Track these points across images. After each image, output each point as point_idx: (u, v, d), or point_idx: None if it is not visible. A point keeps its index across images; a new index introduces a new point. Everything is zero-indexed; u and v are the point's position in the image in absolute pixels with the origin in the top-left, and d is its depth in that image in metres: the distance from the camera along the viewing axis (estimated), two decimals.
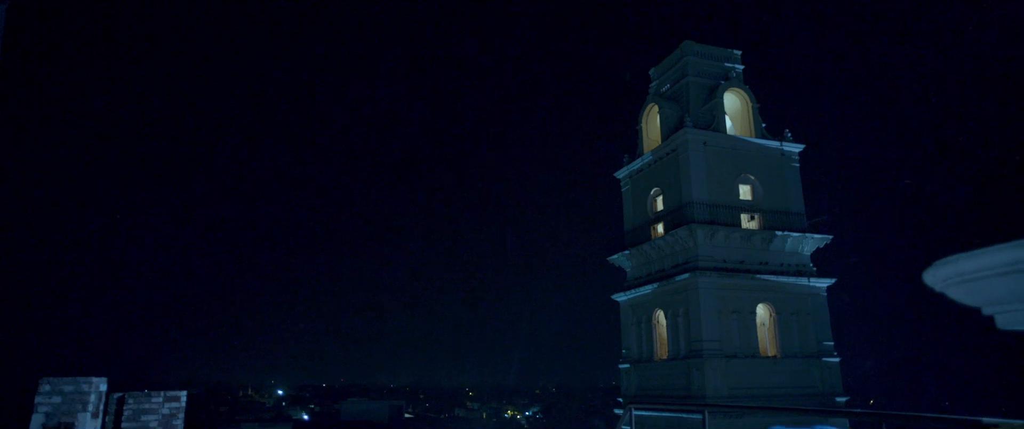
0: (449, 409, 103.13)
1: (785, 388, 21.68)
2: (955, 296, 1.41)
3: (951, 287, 1.39)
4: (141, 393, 10.44)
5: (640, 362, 24.90)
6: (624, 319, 26.29)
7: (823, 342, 22.99)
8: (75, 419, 6.66)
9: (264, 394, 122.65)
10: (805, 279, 23.20)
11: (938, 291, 1.44)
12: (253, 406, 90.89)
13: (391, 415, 65.00)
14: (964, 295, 1.40)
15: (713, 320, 21.75)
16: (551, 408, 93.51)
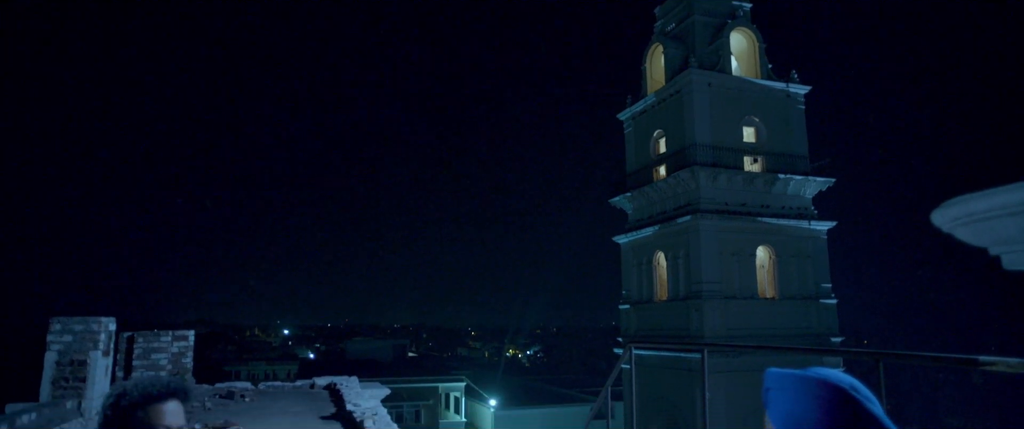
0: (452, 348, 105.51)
1: (782, 329, 22.08)
2: (963, 236, 1.40)
3: (959, 227, 1.38)
4: (150, 332, 10.67)
5: (640, 303, 25.27)
6: (625, 261, 26.53)
7: (821, 284, 23.26)
8: (87, 357, 6.82)
9: (270, 334, 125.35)
10: (806, 222, 23.27)
11: (946, 231, 1.43)
12: (260, 346, 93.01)
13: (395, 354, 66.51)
14: (972, 235, 1.39)
15: (713, 262, 21.94)
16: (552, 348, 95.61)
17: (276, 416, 8.07)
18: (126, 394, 1.76)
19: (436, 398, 37.08)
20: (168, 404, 1.80)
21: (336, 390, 10.41)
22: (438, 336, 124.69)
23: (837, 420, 1.17)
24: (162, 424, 1.77)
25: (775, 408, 1.26)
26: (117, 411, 1.75)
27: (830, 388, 1.19)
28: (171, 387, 1.80)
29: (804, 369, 1.25)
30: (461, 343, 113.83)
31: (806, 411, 1.19)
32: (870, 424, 1.17)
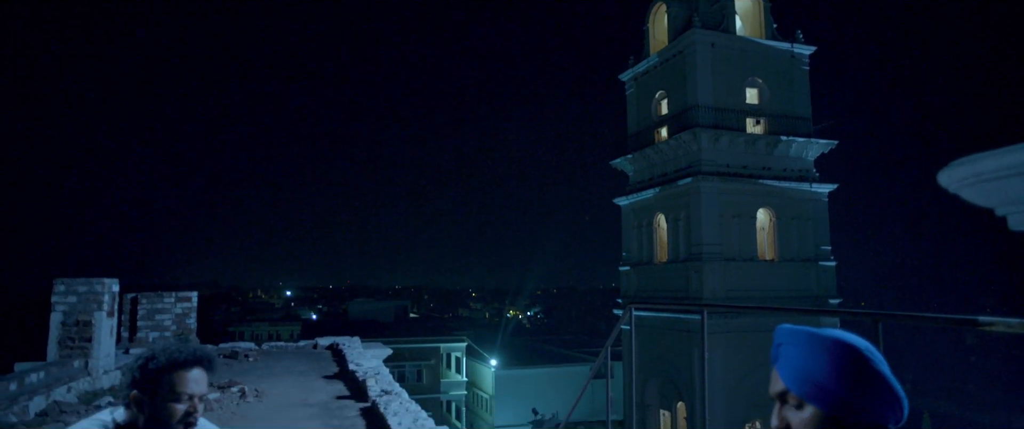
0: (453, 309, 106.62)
1: (781, 291, 22.23)
2: (969, 197, 1.39)
3: (966, 187, 1.36)
4: (154, 294, 10.76)
5: (640, 264, 25.41)
6: (625, 222, 26.58)
7: (821, 247, 23.34)
8: (91, 318, 6.88)
9: (273, 295, 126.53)
10: (807, 184, 23.22)
11: (952, 192, 1.41)
12: (263, 307, 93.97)
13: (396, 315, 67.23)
14: (979, 195, 1.37)
15: (713, 224, 21.97)
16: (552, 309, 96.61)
17: (280, 376, 8.18)
18: (154, 358, 1.82)
19: (437, 358, 37.61)
20: (193, 371, 1.86)
21: (339, 350, 10.54)
22: (439, 297, 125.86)
23: (848, 378, 1.17)
24: (186, 391, 1.83)
25: (785, 363, 1.26)
26: (145, 373, 1.81)
27: (844, 347, 1.19)
28: (197, 355, 1.86)
29: (817, 328, 1.25)
30: (462, 304, 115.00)
31: (817, 367, 1.19)
32: (880, 385, 1.18)
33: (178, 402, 1.83)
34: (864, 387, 1.17)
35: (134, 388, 1.83)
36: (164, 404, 1.82)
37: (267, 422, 5.36)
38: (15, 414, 4.88)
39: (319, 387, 7.29)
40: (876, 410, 1.18)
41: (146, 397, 1.82)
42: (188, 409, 1.85)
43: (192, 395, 1.85)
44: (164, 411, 1.82)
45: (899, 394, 1.19)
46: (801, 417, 1.23)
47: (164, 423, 1.83)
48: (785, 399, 1.26)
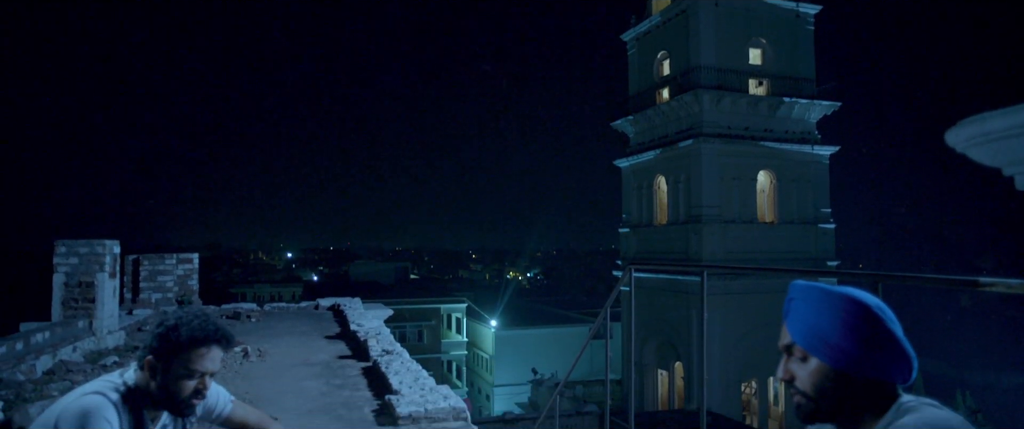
0: (453, 271, 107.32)
1: (779, 253, 22.34)
2: (976, 156, 1.37)
3: (974, 147, 1.35)
4: (155, 255, 10.80)
5: (640, 226, 25.47)
6: (626, 184, 26.54)
7: (820, 209, 23.35)
8: (94, 279, 6.92)
9: (274, 257, 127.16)
10: (809, 146, 23.11)
11: (959, 151, 1.40)
12: (264, 268, 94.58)
13: (397, 276, 67.77)
14: (987, 155, 1.36)
15: (714, 186, 21.94)
16: (552, 270, 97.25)
17: (282, 336, 8.28)
18: (177, 330, 1.83)
19: (438, 319, 38.02)
20: (212, 350, 1.88)
21: (340, 311, 10.64)
22: (439, 259, 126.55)
23: (855, 334, 1.18)
24: (200, 368, 1.86)
25: (796, 319, 1.27)
26: (165, 343, 1.83)
27: (856, 303, 1.20)
28: (218, 334, 1.89)
29: (830, 285, 1.26)
30: (462, 266, 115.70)
31: (826, 323, 1.20)
32: (888, 343, 1.18)
33: (190, 378, 1.86)
34: (871, 344, 1.18)
35: (151, 354, 1.86)
36: (177, 378, 1.85)
37: (270, 381, 5.44)
38: (23, 373, 4.95)
39: (321, 347, 7.37)
40: (883, 367, 1.19)
41: (161, 365, 1.85)
42: (198, 387, 1.88)
43: (205, 372, 1.88)
44: (175, 385, 1.85)
45: (908, 353, 1.20)
46: (806, 369, 1.24)
47: (174, 397, 1.86)
48: (792, 352, 1.28)
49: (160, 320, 1.90)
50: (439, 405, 4.15)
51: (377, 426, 4.03)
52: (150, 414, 1.90)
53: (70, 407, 1.75)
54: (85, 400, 1.76)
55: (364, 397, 4.85)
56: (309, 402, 4.68)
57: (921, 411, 1.13)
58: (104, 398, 1.78)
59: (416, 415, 4.05)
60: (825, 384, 1.21)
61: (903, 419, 1.13)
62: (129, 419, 1.82)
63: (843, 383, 1.20)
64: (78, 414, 1.72)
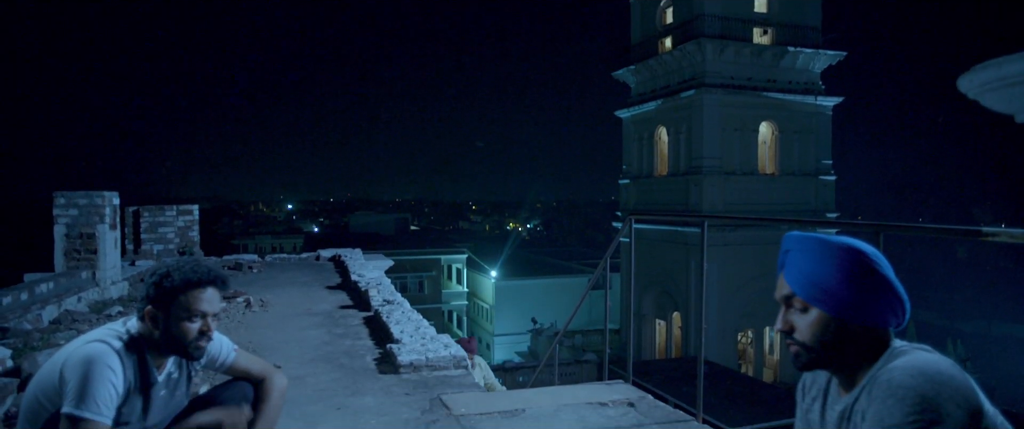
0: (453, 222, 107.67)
1: (779, 205, 22.36)
2: (989, 102, 1.35)
3: (987, 92, 1.32)
4: (155, 207, 10.80)
5: (640, 178, 25.41)
6: (626, 135, 26.36)
7: (822, 161, 23.25)
8: (95, 230, 6.93)
9: (274, 208, 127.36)
10: (812, 97, 22.83)
11: (971, 97, 1.37)
12: (265, 220, 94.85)
13: (397, 227, 68.01)
14: (1000, 101, 1.33)
15: (715, 137, 21.79)
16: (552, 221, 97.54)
17: (284, 286, 8.35)
18: (169, 276, 1.85)
19: (438, 269, 38.35)
20: (207, 291, 1.89)
21: (341, 262, 10.71)
22: (439, 210, 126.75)
23: (852, 282, 1.19)
24: (199, 309, 1.87)
25: (792, 268, 1.27)
26: (160, 291, 1.85)
27: (852, 252, 1.20)
28: (211, 275, 1.90)
29: (825, 235, 1.26)
30: (462, 217, 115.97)
31: (823, 272, 1.21)
32: (885, 289, 1.19)
33: (192, 321, 1.87)
34: (868, 290, 1.19)
35: (149, 304, 1.87)
36: (178, 323, 1.86)
37: (273, 330, 5.51)
38: (29, 322, 5.01)
39: (322, 297, 7.44)
40: (879, 313, 1.20)
41: (161, 314, 1.86)
42: (201, 328, 1.89)
43: (206, 313, 1.90)
44: (179, 329, 1.86)
45: (902, 298, 1.21)
46: (806, 320, 1.25)
47: (178, 342, 1.87)
48: (790, 303, 1.28)
49: (153, 270, 1.91)
50: (440, 354, 4.21)
51: (379, 374, 4.10)
52: (155, 362, 1.92)
53: (74, 355, 1.76)
54: (89, 348, 1.77)
55: (366, 346, 4.92)
56: (311, 351, 4.75)
57: (912, 354, 1.15)
58: (107, 346, 1.79)
59: (417, 363, 4.11)
60: (826, 334, 1.23)
61: (895, 362, 1.15)
62: (133, 367, 1.84)
63: (842, 331, 1.21)
64: (82, 361, 1.73)
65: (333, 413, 3.32)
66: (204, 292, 1.89)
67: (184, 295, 1.86)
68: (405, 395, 3.64)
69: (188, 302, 1.86)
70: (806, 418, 1.41)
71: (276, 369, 2.27)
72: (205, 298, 1.89)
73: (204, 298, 1.88)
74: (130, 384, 1.82)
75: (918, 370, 1.08)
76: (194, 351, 1.90)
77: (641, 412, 3.32)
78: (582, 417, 3.24)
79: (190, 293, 1.86)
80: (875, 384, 1.13)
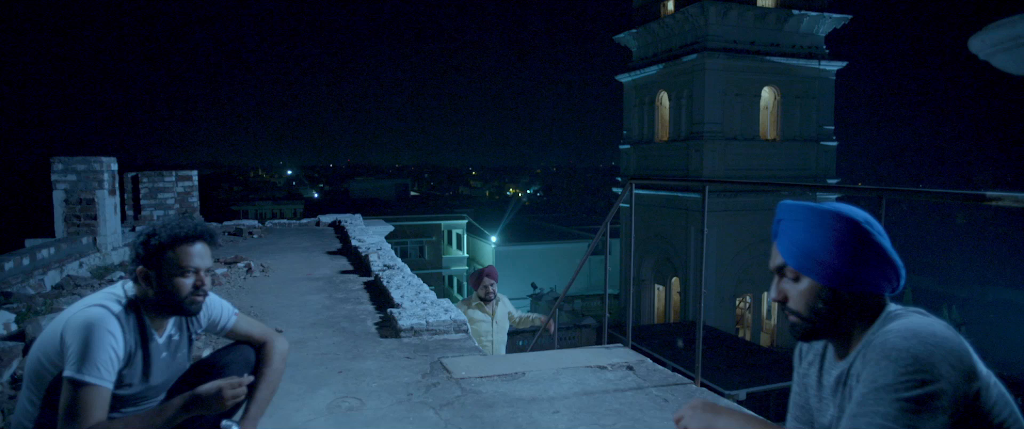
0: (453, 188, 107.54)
1: (780, 170, 22.30)
2: (1002, 63, 1.32)
3: (1000, 53, 1.29)
4: (154, 172, 10.77)
5: (641, 143, 25.29)
6: (627, 100, 26.14)
7: (824, 126, 23.10)
8: (94, 196, 6.91)
9: (274, 174, 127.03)
10: (816, 62, 22.57)
11: (983, 58, 1.34)
12: (265, 186, 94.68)
13: (397, 193, 67.94)
14: (1014, 61, 1.30)
15: (716, 102, 21.61)
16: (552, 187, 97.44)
17: (284, 251, 8.37)
18: (156, 234, 1.83)
19: (439, 235, 38.45)
20: (196, 246, 1.87)
21: (341, 227, 10.72)
22: (439, 176, 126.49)
23: (845, 251, 1.18)
24: (190, 265, 1.85)
25: (784, 238, 1.26)
26: (148, 249, 1.83)
27: (844, 220, 1.19)
28: (198, 230, 1.87)
29: (817, 202, 1.24)
30: (462, 182, 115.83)
31: (817, 241, 1.20)
32: (879, 257, 1.18)
33: (184, 276, 1.86)
34: (861, 259, 1.18)
35: (140, 264, 1.85)
36: (171, 279, 1.85)
37: (274, 295, 5.54)
38: (32, 287, 5.03)
39: (323, 262, 7.47)
40: (872, 280, 1.19)
41: (153, 272, 1.85)
42: (195, 283, 1.88)
43: (198, 268, 1.88)
44: (172, 285, 1.85)
45: (896, 264, 1.20)
46: (798, 289, 1.25)
47: (173, 298, 1.86)
48: (783, 272, 1.28)
49: (139, 230, 1.89)
50: (441, 318, 4.23)
51: (380, 338, 4.13)
52: (155, 324, 1.92)
53: (74, 319, 1.76)
54: (89, 312, 1.76)
55: (366, 310, 4.95)
56: (312, 315, 4.78)
57: (907, 318, 1.15)
58: (106, 310, 1.78)
59: (418, 327, 4.14)
60: (818, 303, 1.22)
61: (890, 325, 1.15)
62: (133, 330, 1.84)
63: (835, 300, 1.21)
64: (82, 326, 1.73)
65: (335, 376, 3.36)
66: (193, 247, 1.86)
67: (172, 251, 1.83)
68: (406, 359, 3.68)
69: (178, 258, 1.83)
70: (803, 382, 1.42)
71: (277, 333, 2.28)
72: (195, 253, 1.86)
73: (194, 253, 1.86)
74: (131, 347, 1.82)
75: (912, 332, 1.08)
76: (190, 306, 1.89)
77: (640, 375, 3.35)
78: (581, 380, 3.28)
79: (179, 249, 1.84)
80: (870, 348, 1.13)
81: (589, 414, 2.81)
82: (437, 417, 2.79)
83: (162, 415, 1.72)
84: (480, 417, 2.78)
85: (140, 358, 1.86)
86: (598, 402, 2.97)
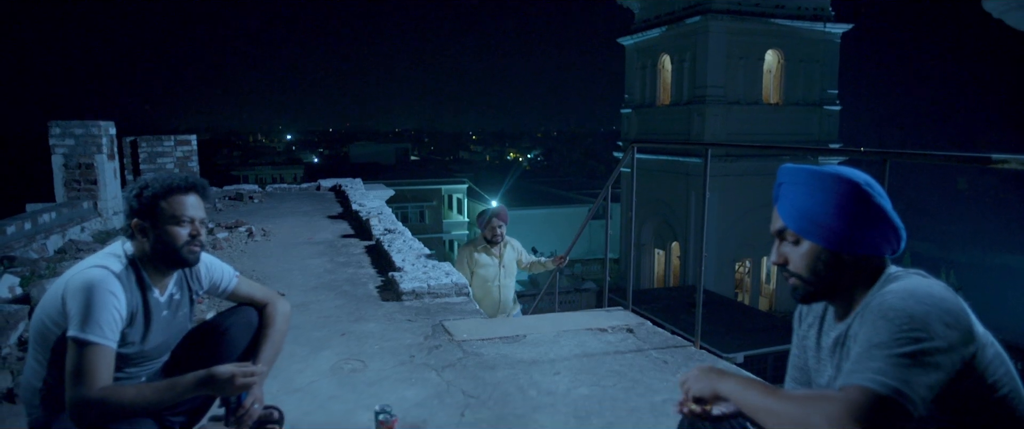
0: (453, 152, 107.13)
1: (782, 135, 22.16)
2: (1013, 21, 1.29)
3: (1014, 11, 1.26)
4: (152, 137, 10.72)
5: (642, 107, 25.09)
6: (629, 63, 25.84)
7: (827, 90, 22.86)
8: (93, 160, 6.89)
9: (273, 139, 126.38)
10: (821, 24, 22.21)
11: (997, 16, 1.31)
12: (264, 150, 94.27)
13: (397, 157, 67.69)
14: None
15: (719, 66, 21.36)
16: (552, 151, 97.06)
17: (285, 216, 8.38)
18: (148, 186, 1.84)
19: (439, 199, 38.47)
20: (189, 197, 1.87)
21: (342, 192, 10.72)
22: (440, 140, 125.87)
23: (845, 213, 1.18)
24: (185, 214, 1.85)
25: (786, 203, 1.26)
26: (142, 201, 1.84)
27: (845, 182, 1.18)
28: (190, 181, 1.89)
29: (819, 165, 1.23)
30: (462, 147, 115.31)
31: (818, 204, 1.20)
32: (880, 219, 1.18)
33: (179, 225, 1.86)
34: (861, 221, 1.18)
35: (135, 217, 1.86)
36: (165, 228, 1.85)
37: (275, 259, 5.56)
38: (35, 251, 5.05)
39: (324, 226, 7.49)
40: (872, 242, 1.19)
41: (147, 223, 1.85)
42: (191, 232, 1.88)
43: (192, 218, 1.88)
44: (167, 235, 1.85)
45: (897, 226, 1.20)
46: (798, 252, 1.25)
47: (170, 247, 1.86)
48: (784, 236, 1.28)
49: (128, 188, 1.89)
50: (442, 281, 4.26)
51: (381, 301, 4.16)
52: (156, 281, 1.92)
53: (74, 280, 1.76)
54: (89, 273, 1.76)
55: (368, 274, 4.98)
56: (314, 279, 4.81)
57: (907, 279, 1.15)
58: (106, 270, 1.78)
59: (419, 291, 4.17)
60: (818, 265, 1.22)
61: (890, 285, 1.15)
62: (134, 288, 1.84)
63: (836, 262, 1.21)
64: (83, 287, 1.73)
65: (337, 339, 3.39)
66: (186, 197, 1.87)
67: (165, 201, 1.84)
68: (408, 321, 3.71)
69: (171, 208, 1.84)
70: (802, 344, 1.43)
71: (279, 295, 2.29)
72: (188, 203, 1.87)
73: (187, 203, 1.87)
74: (132, 306, 1.83)
75: (909, 293, 1.08)
76: (188, 255, 1.89)
77: (640, 338, 3.39)
78: (582, 342, 3.31)
79: (172, 199, 1.85)
80: (868, 309, 1.14)
81: (589, 375, 2.85)
82: (439, 378, 2.83)
83: (173, 388, 1.73)
84: (482, 378, 2.82)
85: (142, 316, 1.87)
86: (598, 364, 3.00)
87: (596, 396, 2.62)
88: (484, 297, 4.68)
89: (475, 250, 4.75)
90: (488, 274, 4.70)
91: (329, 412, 2.48)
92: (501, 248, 4.78)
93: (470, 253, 4.75)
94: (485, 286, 4.69)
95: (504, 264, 4.76)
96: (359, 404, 2.55)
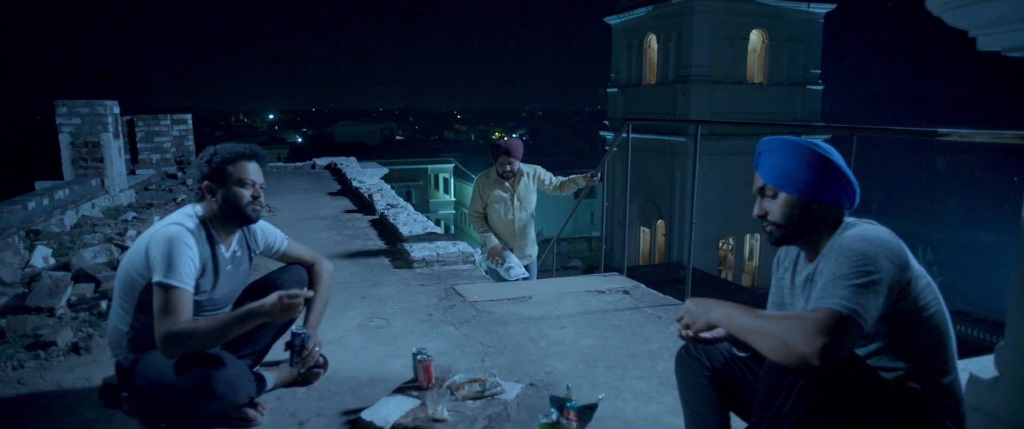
0: (438, 132, 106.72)
1: (765, 114, 22.55)
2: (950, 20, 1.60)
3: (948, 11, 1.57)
4: (149, 116, 10.82)
5: (628, 86, 25.35)
6: (615, 43, 26.03)
7: (810, 70, 23.26)
8: (99, 139, 7.06)
9: (256, 119, 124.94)
10: (805, 4, 22.53)
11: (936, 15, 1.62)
12: (247, 131, 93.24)
13: (382, 137, 67.41)
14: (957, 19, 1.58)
15: (705, 46, 21.64)
16: (537, 131, 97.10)
17: (285, 193, 8.60)
18: (217, 153, 2.16)
19: (425, 179, 38.61)
20: (251, 163, 2.20)
21: (338, 169, 10.93)
22: (424, 119, 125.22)
23: (813, 169, 1.50)
24: (248, 177, 2.17)
25: (766, 165, 1.57)
26: (212, 166, 2.16)
27: (811, 147, 1.51)
28: (252, 150, 2.22)
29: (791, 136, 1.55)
30: (448, 126, 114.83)
31: (792, 163, 1.52)
32: (839, 175, 1.50)
33: (243, 187, 2.18)
34: (825, 176, 1.51)
35: (205, 180, 2.17)
36: (231, 189, 2.17)
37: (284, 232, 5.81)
38: (55, 225, 5.26)
39: (326, 202, 7.73)
40: (834, 194, 1.52)
41: (216, 184, 2.16)
42: (253, 193, 2.20)
43: (254, 182, 2.20)
44: (234, 194, 2.17)
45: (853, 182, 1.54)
46: (776, 203, 1.58)
47: (236, 206, 2.18)
48: (764, 192, 1.60)
49: (200, 155, 2.24)
50: (449, 250, 4.56)
51: (394, 269, 4.46)
52: (222, 238, 2.23)
53: (156, 235, 2.06)
54: (169, 229, 2.07)
55: (378, 245, 5.27)
56: (326, 250, 5.08)
57: (860, 226, 1.48)
58: (182, 227, 2.10)
59: (429, 259, 4.47)
60: (792, 212, 1.54)
61: (848, 231, 1.47)
62: (205, 243, 2.16)
63: (805, 209, 1.53)
64: (164, 240, 2.04)
65: (359, 301, 3.69)
66: (249, 163, 2.21)
67: (231, 166, 2.17)
68: (421, 286, 4.02)
69: (236, 172, 2.17)
70: (779, 284, 1.76)
71: (324, 258, 2.59)
72: (251, 169, 2.21)
73: (250, 169, 2.21)
74: (204, 258, 2.14)
75: (862, 236, 1.41)
76: (251, 213, 2.22)
77: (635, 298, 3.73)
78: (583, 302, 3.64)
79: (237, 164, 2.18)
80: (831, 250, 1.46)
81: (592, 329, 3.18)
82: (457, 332, 3.15)
83: (236, 317, 2.03)
84: (496, 332, 3.14)
85: (211, 267, 2.18)
86: (599, 319, 3.34)
87: (600, 345, 2.95)
88: (498, 227, 4.65)
89: (487, 182, 4.63)
90: (501, 207, 4.61)
91: (363, 361, 2.79)
92: (514, 182, 4.63)
93: (483, 185, 4.64)
94: (498, 220, 4.64)
95: (519, 196, 4.62)
96: (389, 354, 2.86)
